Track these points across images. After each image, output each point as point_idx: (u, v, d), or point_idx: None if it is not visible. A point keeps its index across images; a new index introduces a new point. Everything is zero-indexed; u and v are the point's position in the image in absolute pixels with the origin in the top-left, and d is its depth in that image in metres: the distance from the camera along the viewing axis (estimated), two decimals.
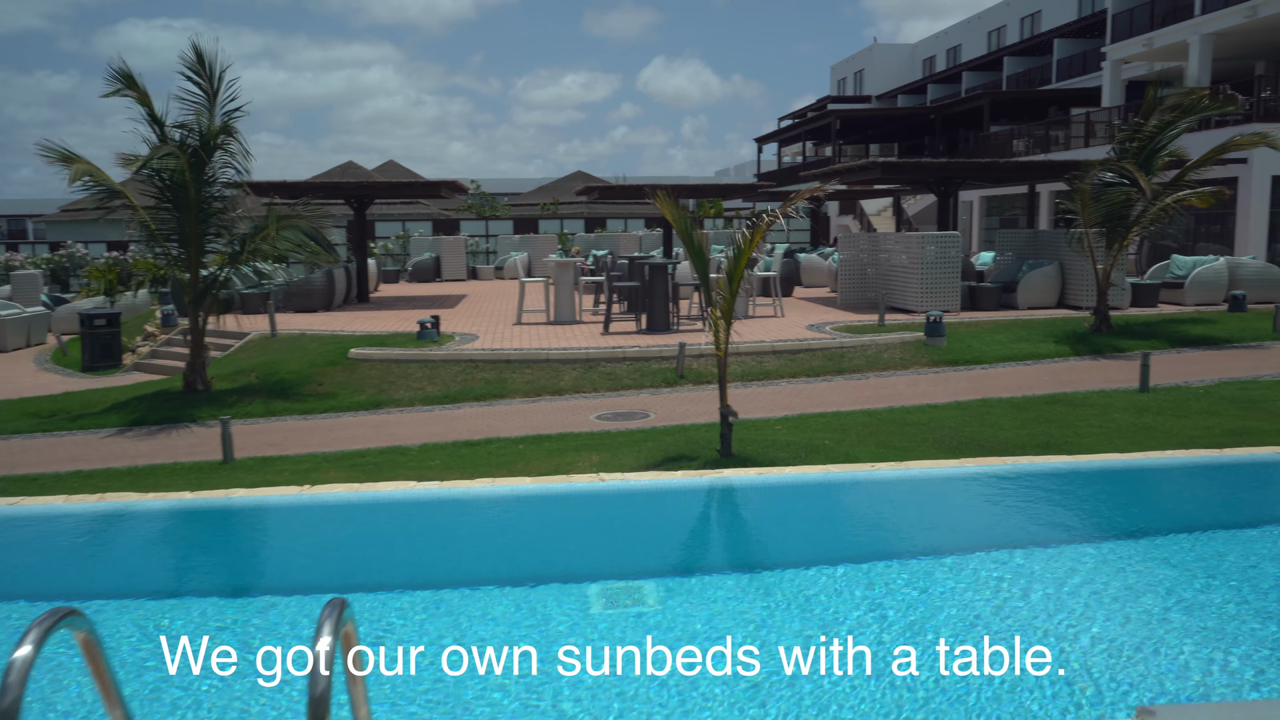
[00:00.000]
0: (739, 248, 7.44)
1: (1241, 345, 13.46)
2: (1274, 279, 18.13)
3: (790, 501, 6.14)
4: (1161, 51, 32.37)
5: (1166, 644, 4.23)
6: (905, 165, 20.19)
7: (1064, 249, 17.62)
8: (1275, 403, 9.68)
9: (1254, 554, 5.41)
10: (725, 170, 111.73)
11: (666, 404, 10.76)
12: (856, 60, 65.08)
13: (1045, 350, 13.12)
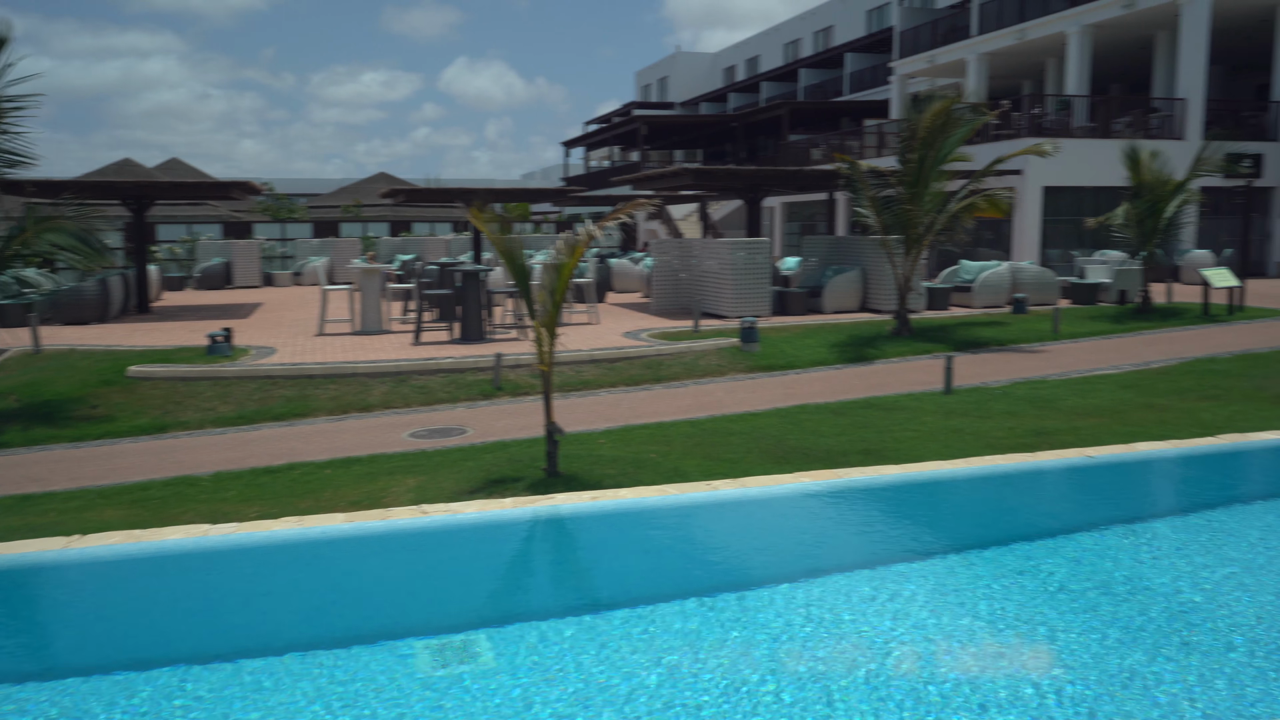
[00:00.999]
0: (563, 258, 7.11)
1: (1028, 346, 14.32)
2: (1050, 282, 19.51)
3: (629, 529, 5.85)
4: (943, 68, 34.47)
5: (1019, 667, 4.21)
6: (716, 172, 20.47)
7: (865, 254, 18.31)
8: (1064, 401, 10.26)
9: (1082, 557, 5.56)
10: (531, 174, 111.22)
11: (485, 418, 10.30)
12: (660, 67, 66.15)
13: (853, 354, 13.50)
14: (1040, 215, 24.52)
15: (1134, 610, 4.76)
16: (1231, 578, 5.23)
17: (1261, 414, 9.16)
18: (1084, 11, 27.57)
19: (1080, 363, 12.70)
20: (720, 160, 51.87)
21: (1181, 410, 9.51)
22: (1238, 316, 16.59)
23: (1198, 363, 12.36)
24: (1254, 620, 4.64)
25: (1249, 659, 4.23)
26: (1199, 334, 14.94)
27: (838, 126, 41.50)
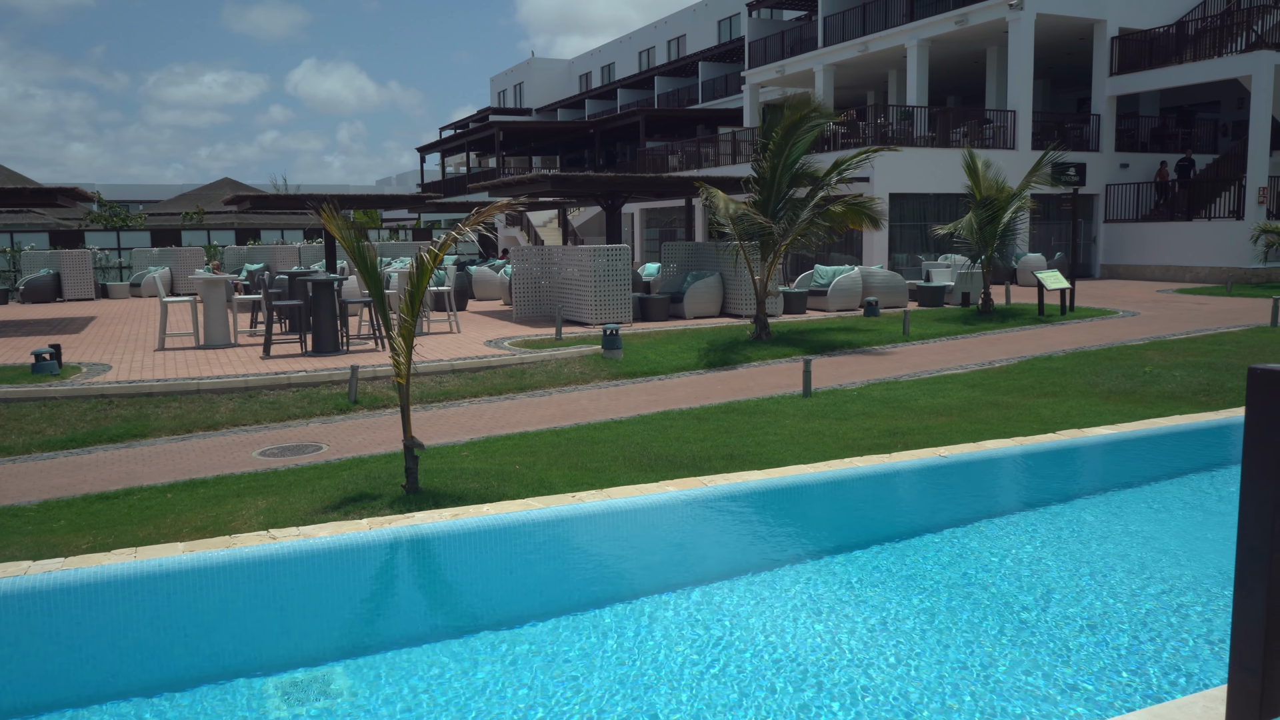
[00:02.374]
0: (419, 266, 6.88)
1: (880, 348, 14.80)
2: (899, 286, 20.26)
3: (494, 546, 5.69)
4: (792, 78, 35.42)
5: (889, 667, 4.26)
6: (574, 179, 20.40)
7: (724, 260, 18.59)
8: (916, 401, 10.62)
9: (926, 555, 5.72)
10: (387, 179, 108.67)
11: (340, 433, 9.90)
12: (516, 73, 65.73)
13: (715, 359, 13.66)
14: (888, 221, 25.46)
15: (990, 599, 4.92)
16: (1076, 565, 5.48)
17: (1095, 409, 9.70)
18: (921, 26, 28.83)
19: (930, 363, 13.20)
20: (578, 166, 51.91)
21: (1024, 408, 9.98)
22: (1069, 316, 17.61)
23: (1036, 361, 13.02)
24: (1092, 602, 4.87)
25: (1089, 641, 4.42)
26: (1036, 333, 15.78)
27: (693, 133, 42.13)
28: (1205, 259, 25.69)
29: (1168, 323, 16.47)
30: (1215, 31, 26.80)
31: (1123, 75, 27.85)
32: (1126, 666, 4.22)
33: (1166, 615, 4.78)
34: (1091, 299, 20.52)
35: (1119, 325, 16.37)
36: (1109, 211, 28.56)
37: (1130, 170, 28.89)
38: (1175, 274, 26.38)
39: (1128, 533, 6.15)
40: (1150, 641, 4.48)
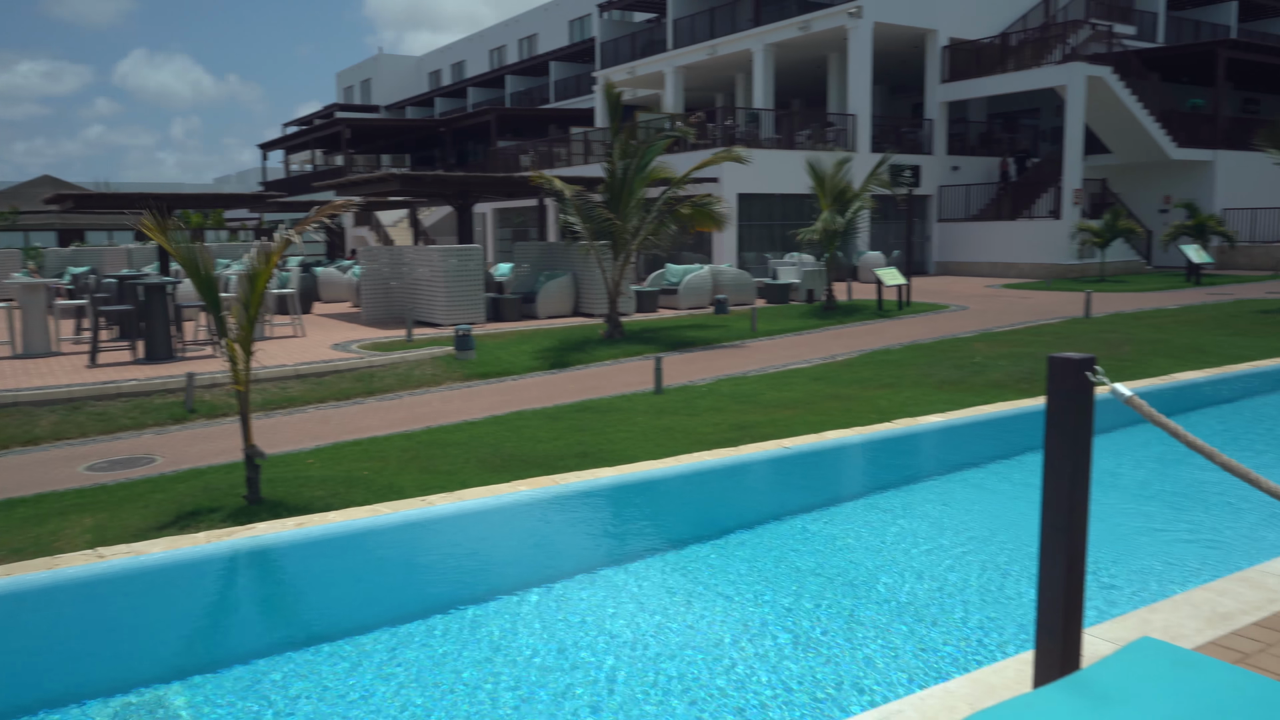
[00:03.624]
0: (255, 268, 6.65)
1: (729, 344, 15.16)
2: (748, 284, 20.79)
3: (341, 554, 5.55)
4: (643, 79, 35.81)
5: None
6: (425, 177, 20.05)
7: (576, 260, 18.65)
8: (763, 395, 10.94)
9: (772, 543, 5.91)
10: (226, 177, 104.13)
11: (175, 444, 9.44)
12: (363, 69, 64.05)
13: (568, 358, 13.69)
14: (736, 221, 26.08)
15: (829, 583, 5.13)
16: (911, 546, 5.78)
17: (929, 399, 10.22)
18: (766, 31, 29.66)
19: (776, 358, 13.60)
20: (429, 165, 50.99)
21: (863, 399, 10.41)
22: (906, 311, 18.48)
23: (875, 354, 13.61)
24: (927, 578, 5.15)
25: (924, 613, 4.68)
26: (875, 328, 16.49)
27: (546, 133, 42.05)
28: (1028, 256, 27.39)
29: (994, 316, 17.50)
30: (1035, 44, 28.62)
31: (953, 82, 29.39)
32: (957, 636, 4.48)
33: (990, 587, 5.10)
34: (926, 294, 21.59)
35: (951, 319, 17.29)
36: (942, 211, 30.08)
37: (961, 172, 30.50)
38: (1002, 270, 28.02)
39: (958, 512, 6.52)
40: (975, 611, 4.76)
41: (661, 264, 24.33)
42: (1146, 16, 33.39)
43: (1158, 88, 28.83)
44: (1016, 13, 30.60)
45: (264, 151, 53.23)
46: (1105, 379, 2.79)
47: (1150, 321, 16.08)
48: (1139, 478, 7.29)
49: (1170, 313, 17.28)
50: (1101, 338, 14.17)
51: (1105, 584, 5.09)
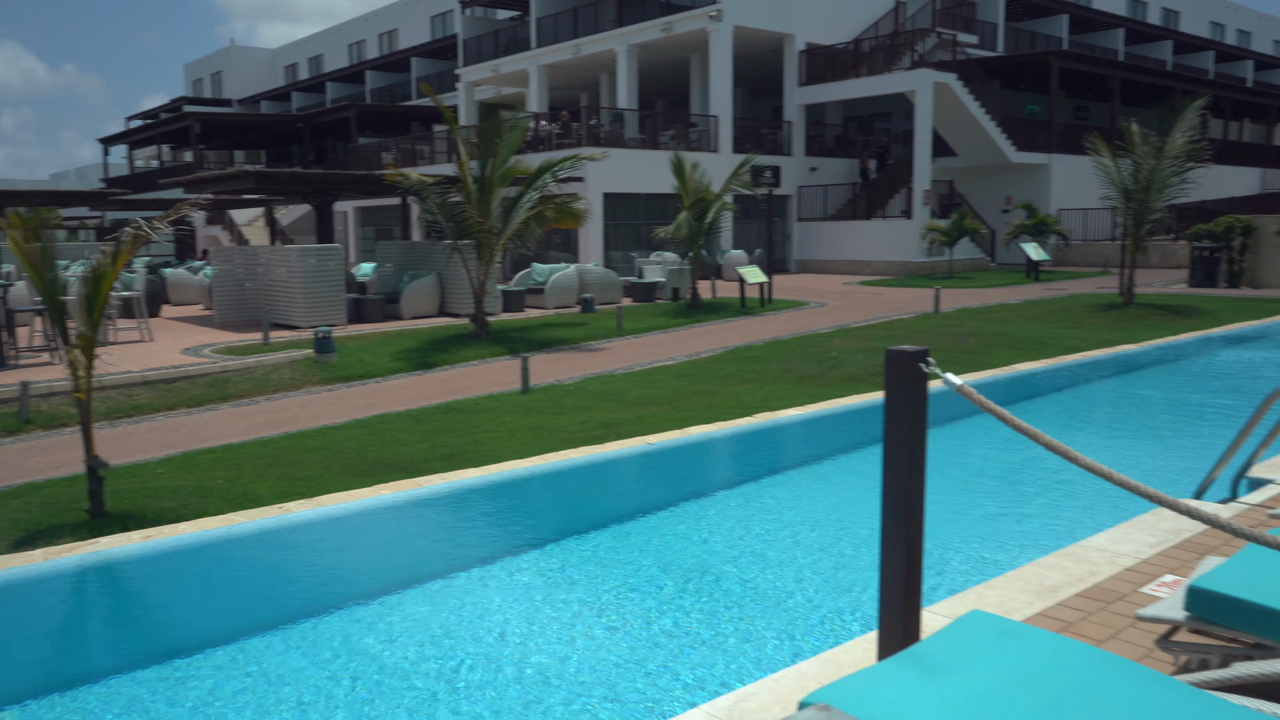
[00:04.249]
0: (99, 270, 6.33)
1: (596, 343, 15.25)
2: (614, 283, 20.94)
3: (193, 565, 5.35)
4: (507, 77, 35.59)
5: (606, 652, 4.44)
6: (280, 175, 19.40)
7: (441, 259, 18.40)
8: (629, 393, 11.06)
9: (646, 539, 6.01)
10: (63, 173, 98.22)
11: (10, 458, 8.88)
12: (214, 61, 61.43)
13: (433, 359, 13.52)
14: (602, 220, 26.23)
15: (694, 574, 5.25)
16: (771, 535, 5.97)
17: (789, 392, 10.54)
18: (629, 32, 29.91)
19: (642, 356, 13.77)
20: (286, 162, 49.29)
21: (727, 394, 10.66)
22: (768, 308, 18.97)
23: (738, 350, 13.93)
24: (778, 568, 5.34)
25: (774, 602, 4.85)
26: (738, 325, 16.87)
27: (408, 130, 41.27)
28: (882, 254, 28.49)
29: (851, 312, 18.16)
30: (886, 50, 29.79)
31: (811, 86, 30.29)
32: (815, 619, 4.67)
33: (844, 571, 5.33)
34: (787, 292, 22.20)
35: (810, 315, 17.85)
36: (801, 211, 30.98)
37: (819, 173, 31.48)
38: (858, 268, 29.06)
39: (815, 500, 6.77)
40: (830, 595, 4.97)
41: (528, 263, 24.24)
42: (987, 27, 35.20)
43: (998, 94, 30.44)
44: (869, 20, 31.77)
45: (105, 146, 50.41)
46: (938, 370, 2.96)
47: (994, 315, 16.99)
48: (981, 464, 7.72)
49: (1012, 307, 18.30)
50: (950, 331, 14.89)
51: (948, 564, 5.38)
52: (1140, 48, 43.48)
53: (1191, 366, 12.65)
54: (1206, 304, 18.15)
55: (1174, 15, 47.81)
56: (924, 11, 31.81)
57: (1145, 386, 11.52)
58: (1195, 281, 22.19)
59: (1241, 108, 41.09)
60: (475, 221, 14.80)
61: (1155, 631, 3.54)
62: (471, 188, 15.11)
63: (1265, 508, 4.93)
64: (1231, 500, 5.52)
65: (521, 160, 15.95)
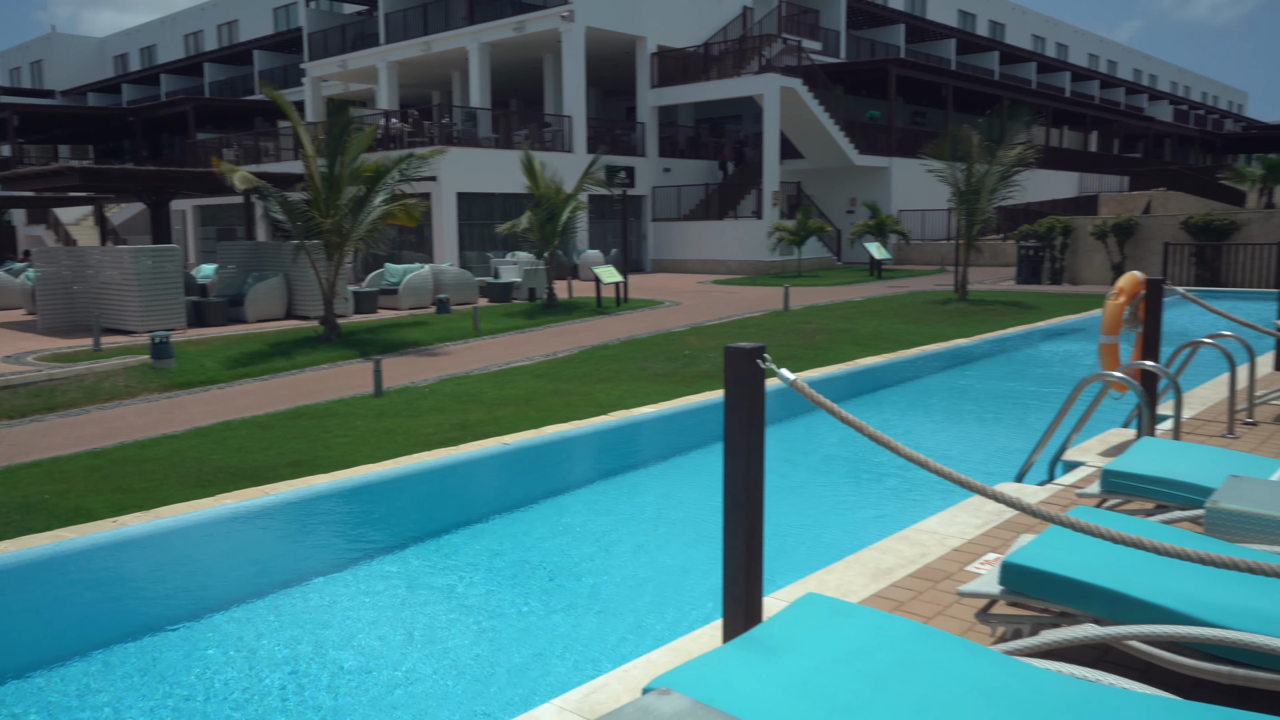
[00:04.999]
0: None
1: (452, 344, 15.08)
2: (469, 283, 20.74)
3: (20, 587, 5.04)
4: (356, 73, 34.69)
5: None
6: (110, 172, 18.37)
7: (288, 260, 17.82)
8: (486, 394, 11.01)
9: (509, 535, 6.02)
10: None
11: None
12: (33, 49, 57.48)
13: (281, 364, 13.09)
14: (456, 219, 25.93)
15: (550, 571, 5.30)
16: (626, 530, 6.08)
17: (645, 390, 10.71)
18: (481, 30, 29.65)
19: (499, 357, 13.71)
20: (117, 158, 46.61)
21: (583, 393, 10.74)
22: (624, 307, 19.18)
23: (595, 349, 14.04)
24: (631, 561, 5.46)
25: (629, 593, 4.96)
26: (595, 324, 17.00)
27: (251, 126, 39.70)
28: (735, 254, 29.19)
29: (705, 310, 18.55)
30: (735, 55, 30.52)
31: (663, 88, 30.74)
32: (668, 610, 4.79)
33: (696, 561, 5.48)
34: (643, 291, 22.49)
35: (665, 314, 18.15)
36: (656, 211, 31.41)
37: (673, 174, 31.98)
38: (712, 267, 29.69)
39: (671, 494, 6.92)
40: (678, 587, 5.11)
41: (380, 264, 23.73)
42: (830, 34, 36.53)
43: (842, 99, 31.66)
44: (718, 24, 32.47)
45: None
46: (774, 366, 3.11)
47: (840, 312, 17.68)
48: (828, 454, 8.06)
49: (856, 304, 19.08)
50: (799, 328, 15.42)
51: (794, 551, 5.61)
52: (970, 57, 45.99)
53: (1019, 358, 13.51)
54: (1032, 299, 19.39)
55: (1000, 28, 50.77)
56: (770, 18, 32.75)
57: (979, 377, 12.23)
58: (1022, 278, 23.66)
59: (1061, 116, 44.00)
60: (321, 221, 14.41)
61: (976, 606, 3.80)
62: (319, 186, 14.71)
63: (1076, 488, 5.35)
64: (1049, 482, 5.95)
65: (370, 158, 15.59)
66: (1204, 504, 3.86)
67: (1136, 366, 6.35)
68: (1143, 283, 6.89)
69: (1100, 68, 59.48)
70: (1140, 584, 3.12)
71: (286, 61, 43.18)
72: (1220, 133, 64.33)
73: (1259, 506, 3.70)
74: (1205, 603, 3.01)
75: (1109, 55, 61.30)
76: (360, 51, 33.85)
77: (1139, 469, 4.52)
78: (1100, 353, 7.10)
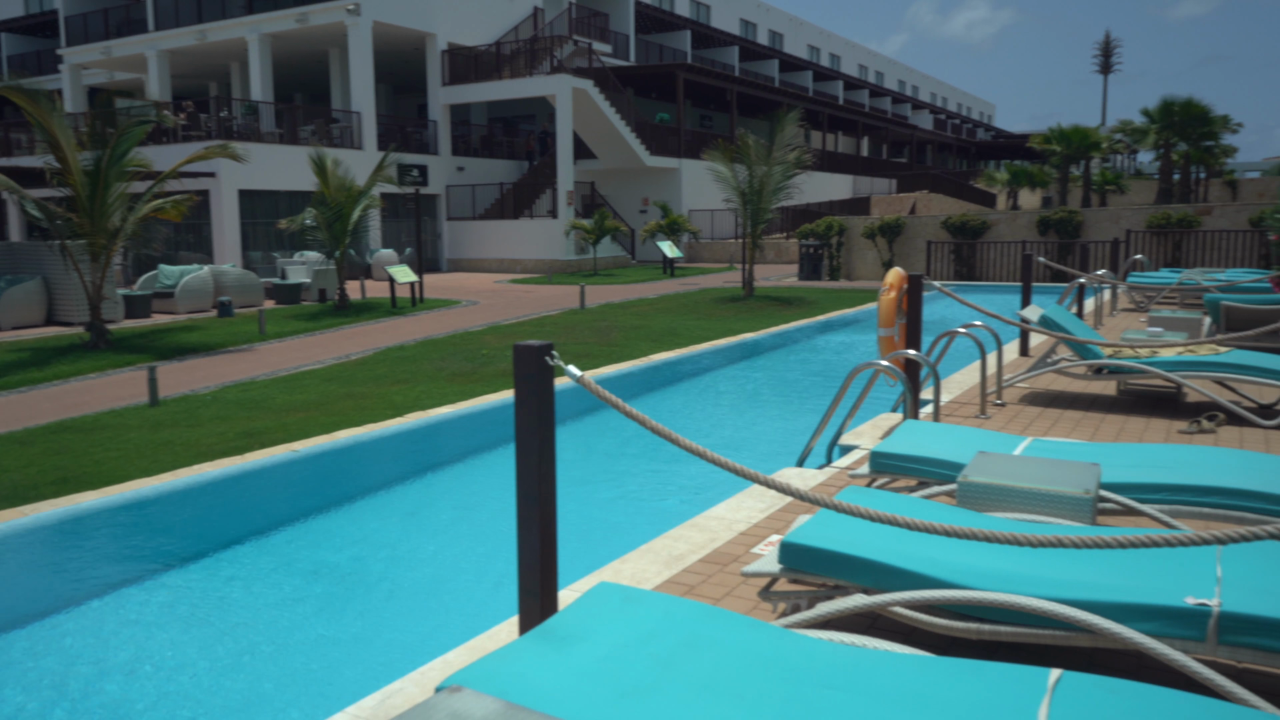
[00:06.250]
0: None
1: (236, 348, 14.35)
2: (254, 284, 19.76)
3: None
4: (122, 62, 32.30)
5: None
6: None
7: (47, 261, 16.41)
8: (274, 400, 10.56)
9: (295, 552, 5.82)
10: None
11: None
12: None
13: (38, 375, 12.06)
14: (238, 218, 24.64)
15: (346, 580, 5.18)
16: (424, 533, 6.01)
17: (442, 391, 10.58)
18: (261, 20, 28.28)
19: (287, 361, 13.16)
20: None
21: (378, 396, 10.49)
22: (420, 308, 18.83)
23: (390, 351, 13.73)
24: (429, 562, 5.42)
25: (426, 596, 4.93)
26: (390, 325, 16.61)
27: (2, 116, 36.17)
28: (532, 252, 29.24)
29: (502, 309, 18.50)
30: (527, 54, 30.52)
31: (454, 86, 30.34)
32: (467, 610, 4.79)
33: (497, 560, 5.50)
34: (439, 291, 22.16)
35: (462, 314, 17.97)
36: (451, 210, 30.99)
37: (467, 173, 31.64)
38: (509, 266, 29.61)
39: (469, 494, 6.89)
40: (484, 585, 5.12)
41: (154, 265, 22.22)
42: (620, 37, 37.18)
43: (632, 102, 32.29)
44: (509, 24, 32.38)
45: None
46: (561, 363, 3.19)
47: (634, 310, 18.06)
48: (626, 447, 8.26)
49: (650, 301, 19.55)
50: (595, 326, 15.65)
51: (593, 543, 5.73)
52: (753, 64, 47.99)
53: (802, 349, 14.27)
54: (813, 295, 20.50)
55: (779, 38, 53.25)
56: (561, 19, 32.97)
57: (767, 368, 12.83)
58: (804, 275, 24.96)
59: (836, 122, 46.65)
60: (82, 221, 13.36)
61: (760, 585, 4.03)
62: (81, 183, 13.61)
63: (849, 470, 5.74)
64: (827, 465, 6.36)
65: (140, 153, 14.57)
66: (956, 479, 4.26)
67: (899, 356, 6.87)
68: (905, 278, 7.46)
69: (869, 78, 63.46)
70: (901, 554, 3.41)
71: (41, 46, 39.62)
72: (974, 140, 70.10)
73: (1002, 479, 4.12)
74: (956, 567, 3.33)
75: (877, 66, 65.52)
76: (127, 38, 31.50)
77: (902, 450, 4.92)
78: (880, 343, 7.64)
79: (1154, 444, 5.31)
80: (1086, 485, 4.00)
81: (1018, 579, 3.23)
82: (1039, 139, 34.01)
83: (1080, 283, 12.56)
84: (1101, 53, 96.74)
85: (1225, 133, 32.76)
